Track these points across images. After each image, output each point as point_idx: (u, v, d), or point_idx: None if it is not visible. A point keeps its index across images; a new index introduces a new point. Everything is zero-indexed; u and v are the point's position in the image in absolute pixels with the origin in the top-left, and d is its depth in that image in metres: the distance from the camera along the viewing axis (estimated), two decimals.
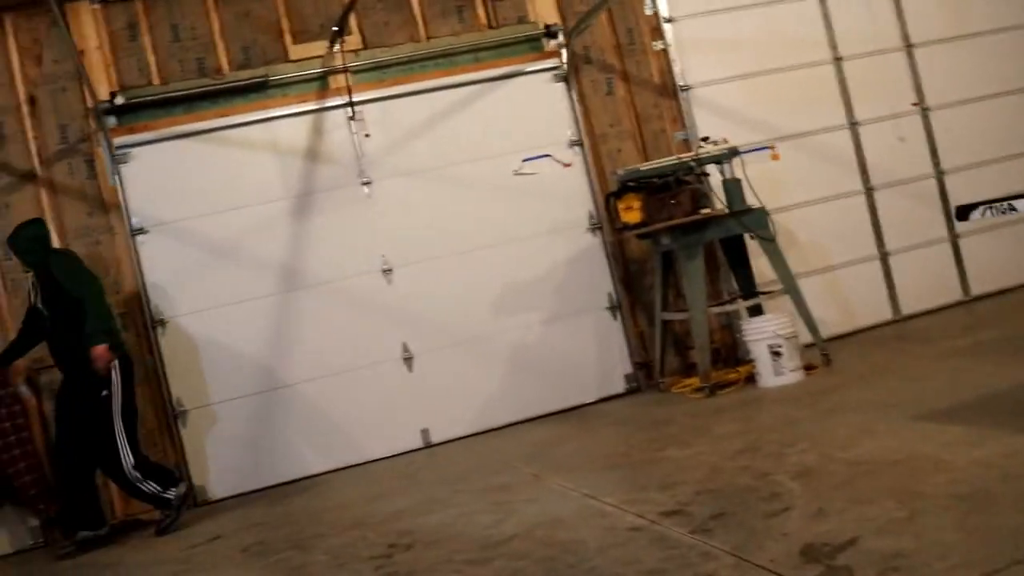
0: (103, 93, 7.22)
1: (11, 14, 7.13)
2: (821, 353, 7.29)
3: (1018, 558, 3.08)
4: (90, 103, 7.18)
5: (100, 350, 6.14)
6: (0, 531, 6.80)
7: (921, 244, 8.79)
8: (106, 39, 7.33)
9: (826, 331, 7.68)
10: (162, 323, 7.23)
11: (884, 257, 8.71)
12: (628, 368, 7.99)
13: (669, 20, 8.32)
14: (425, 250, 7.69)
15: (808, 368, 7.08)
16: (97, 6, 7.31)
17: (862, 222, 8.71)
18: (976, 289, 8.87)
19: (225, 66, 7.53)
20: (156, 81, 7.40)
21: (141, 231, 7.24)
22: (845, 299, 8.51)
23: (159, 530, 6.36)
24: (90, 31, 7.27)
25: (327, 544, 5.23)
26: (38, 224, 6.56)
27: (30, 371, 6.78)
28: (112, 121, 7.25)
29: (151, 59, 7.41)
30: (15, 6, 7.07)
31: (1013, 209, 4.97)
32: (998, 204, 5.02)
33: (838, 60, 8.71)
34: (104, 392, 6.26)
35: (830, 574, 3.30)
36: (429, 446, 7.55)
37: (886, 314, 8.65)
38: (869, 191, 8.72)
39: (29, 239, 6.40)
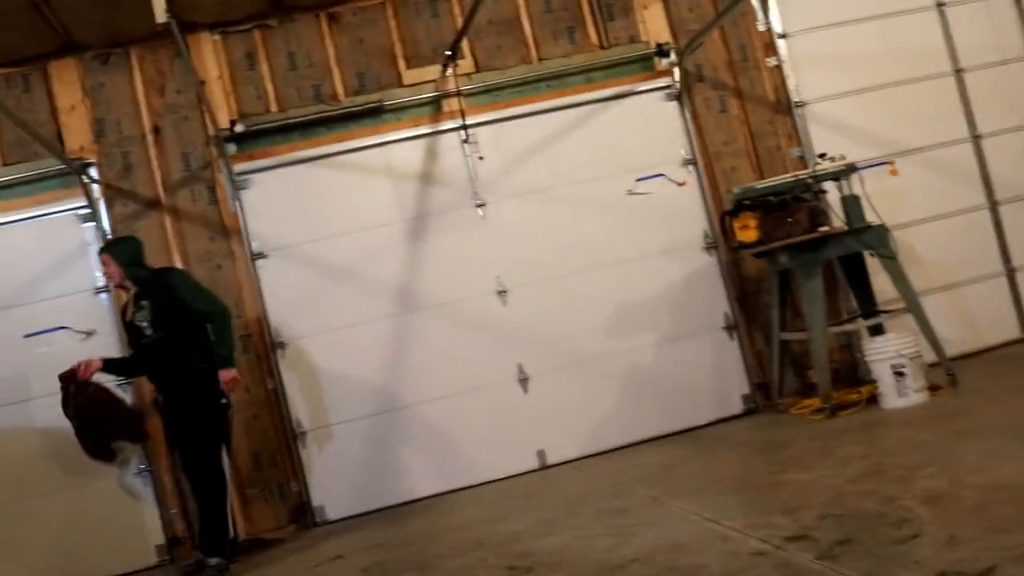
0: (223, 121, 7.40)
1: (137, 47, 7.39)
2: (947, 373, 7.07)
3: None
4: (211, 131, 7.37)
5: (234, 374, 6.21)
6: (120, 551, 7.00)
7: None
8: (226, 68, 7.53)
9: (951, 350, 7.43)
10: (282, 345, 7.36)
11: (1011, 273, 8.42)
12: (745, 389, 7.87)
13: (783, 36, 8.20)
14: (539, 271, 7.70)
15: (933, 389, 6.87)
16: (218, 37, 7.52)
17: (986, 237, 8.43)
18: None
19: (340, 92, 7.66)
20: (274, 108, 7.57)
21: (261, 255, 7.40)
22: (970, 317, 8.24)
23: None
24: (211, 61, 7.48)
25: (447, 566, 5.25)
26: (136, 240, 6.59)
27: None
28: (232, 148, 7.44)
29: (269, 87, 7.58)
30: (140, 40, 7.29)
31: None
32: None
33: (959, 72, 8.47)
34: (224, 400, 6.25)
35: None
36: (544, 467, 7.53)
37: (1014, 332, 8.35)
38: (994, 205, 8.45)
39: (135, 252, 6.39)
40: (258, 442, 7.27)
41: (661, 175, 7.86)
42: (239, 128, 7.41)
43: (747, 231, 7.22)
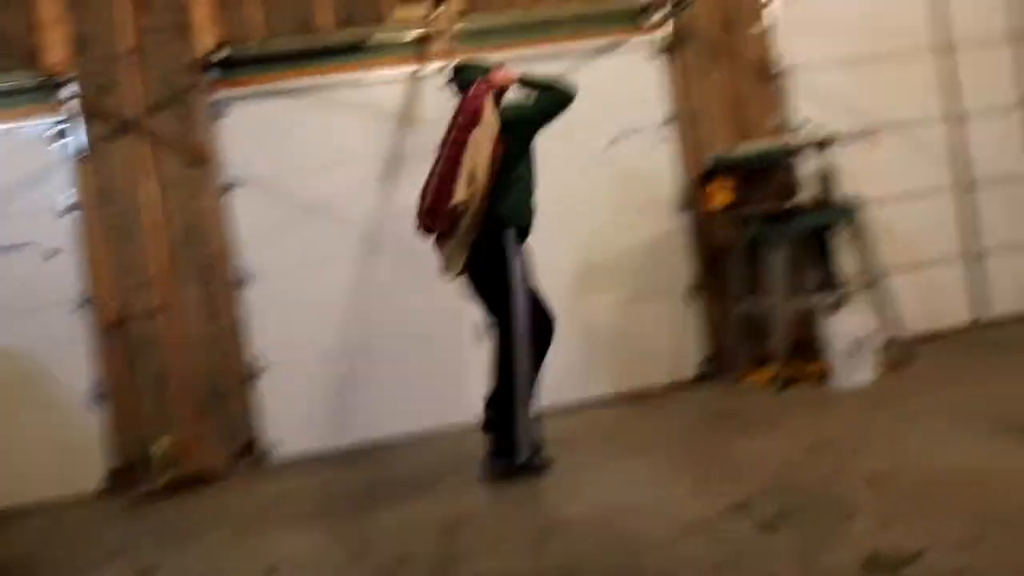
0: (207, 45, 7.32)
1: None
2: (903, 353, 7.17)
3: None
4: (194, 55, 7.29)
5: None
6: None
7: (1021, 244, 8.55)
8: None
9: (911, 330, 7.53)
10: (248, 278, 7.37)
11: (980, 256, 8.48)
12: (702, 355, 7.95)
13: (770, 0, 8.16)
14: None
15: (888, 368, 6.96)
16: None
17: (960, 218, 8.49)
18: None
19: (328, 24, 7.59)
20: (259, 36, 7.48)
21: (233, 185, 7.38)
22: (933, 298, 8.28)
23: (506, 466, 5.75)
24: None
25: (392, 512, 5.34)
26: None
27: None
28: (214, 74, 7.37)
29: (255, 14, 7.48)
30: None
31: None
32: None
33: (947, 48, 8.45)
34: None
35: None
36: None
37: (975, 316, 8.43)
38: (970, 185, 8.49)
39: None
40: (215, 374, 7.28)
41: (640, 132, 7.85)
42: (222, 54, 7.34)
43: (721, 195, 7.26)
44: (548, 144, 7.66)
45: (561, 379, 7.56)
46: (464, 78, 6.09)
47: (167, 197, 7.10)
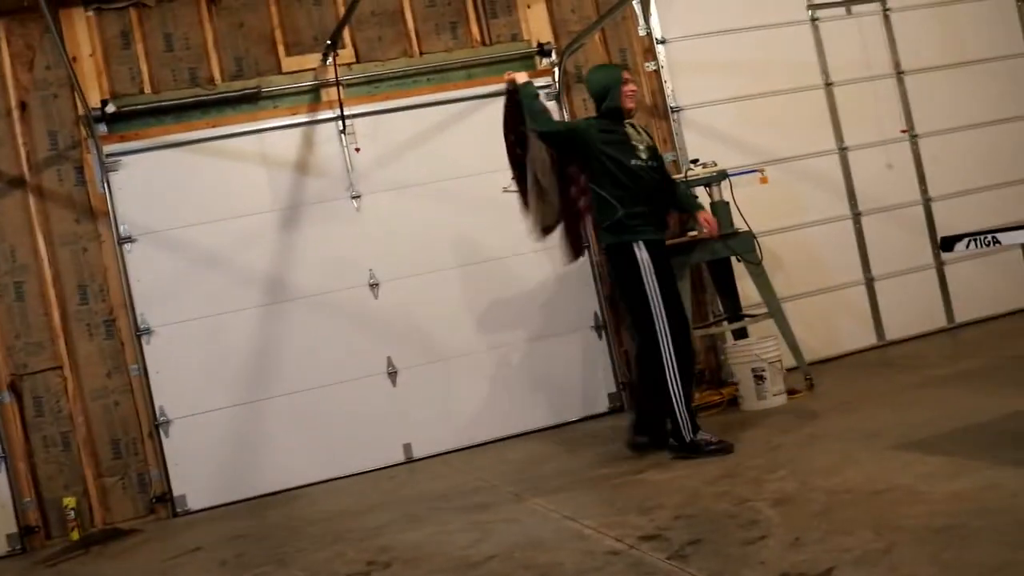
0: (94, 100, 7.20)
1: (4, 19, 7.14)
2: (805, 378, 7.32)
3: None
4: (81, 110, 7.15)
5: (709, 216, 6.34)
6: None
7: (907, 270, 8.83)
8: (99, 46, 7.33)
9: (810, 355, 7.72)
10: (148, 332, 7.22)
11: (870, 283, 8.74)
12: (612, 388, 8.02)
13: (662, 41, 8.35)
14: (413, 265, 7.71)
15: (791, 392, 7.09)
16: (91, 13, 7.31)
17: (849, 247, 8.75)
18: (960, 317, 8.91)
19: (217, 76, 7.54)
20: (148, 90, 7.40)
21: (129, 239, 7.24)
22: (830, 324, 8.54)
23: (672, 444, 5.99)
24: (83, 38, 7.27)
25: (306, 560, 5.21)
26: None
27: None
28: (103, 129, 7.25)
29: (144, 67, 7.41)
30: (9, 12, 7.07)
31: (997, 242, 4.99)
32: (982, 236, 5.05)
33: (829, 85, 8.75)
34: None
35: None
36: (411, 461, 7.55)
37: (871, 340, 8.68)
38: (857, 216, 8.76)
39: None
40: (118, 429, 7.13)
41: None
42: (110, 108, 7.22)
43: None
44: (451, 184, 7.76)
45: (475, 418, 7.59)
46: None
47: (59, 253, 6.95)
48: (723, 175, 7.38)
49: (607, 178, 5.94)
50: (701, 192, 7.38)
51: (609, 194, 5.92)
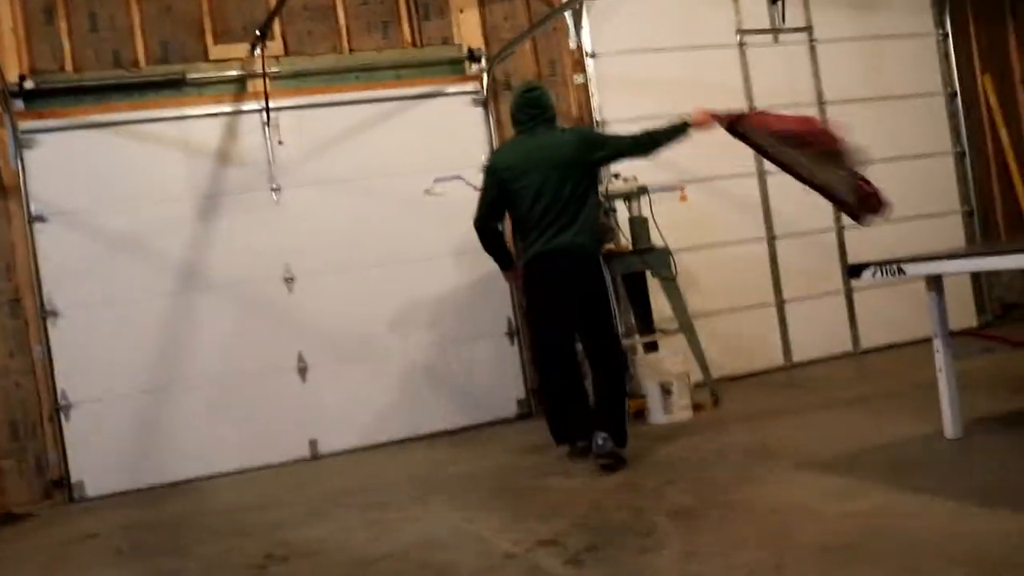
0: (12, 76, 7.06)
1: None
2: (711, 393, 7.43)
3: None
4: None
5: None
6: None
7: (817, 295, 9.03)
8: (20, 20, 7.18)
9: (719, 372, 7.86)
10: (54, 314, 7.09)
11: (781, 305, 8.92)
12: (521, 394, 8.07)
13: (592, 55, 8.43)
14: (330, 261, 7.69)
15: (697, 407, 7.19)
16: None
17: (763, 269, 8.92)
18: (866, 343, 9.14)
19: (142, 60, 7.44)
20: (69, 68, 7.28)
21: (40, 219, 7.11)
22: (740, 342, 8.69)
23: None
24: (4, 11, 7.11)
25: (203, 551, 5.16)
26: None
27: None
28: (19, 105, 7.12)
29: (66, 45, 7.28)
30: None
31: (902, 272, 5.15)
32: (888, 266, 5.21)
33: (752, 109, 8.88)
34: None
35: None
36: (316, 458, 7.53)
37: (778, 360, 8.86)
38: (772, 239, 8.92)
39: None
40: (18, 411, 7.01)
41: (459, 178, 7.93)
42: (29, 85, 7.10)
43: None
44: (375, 183, 7.74)
45: (383, 417, 7.58)
46: None
47: None
48: (643, 190, 7.46)
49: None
50: (620, 206, 7.47)
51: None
